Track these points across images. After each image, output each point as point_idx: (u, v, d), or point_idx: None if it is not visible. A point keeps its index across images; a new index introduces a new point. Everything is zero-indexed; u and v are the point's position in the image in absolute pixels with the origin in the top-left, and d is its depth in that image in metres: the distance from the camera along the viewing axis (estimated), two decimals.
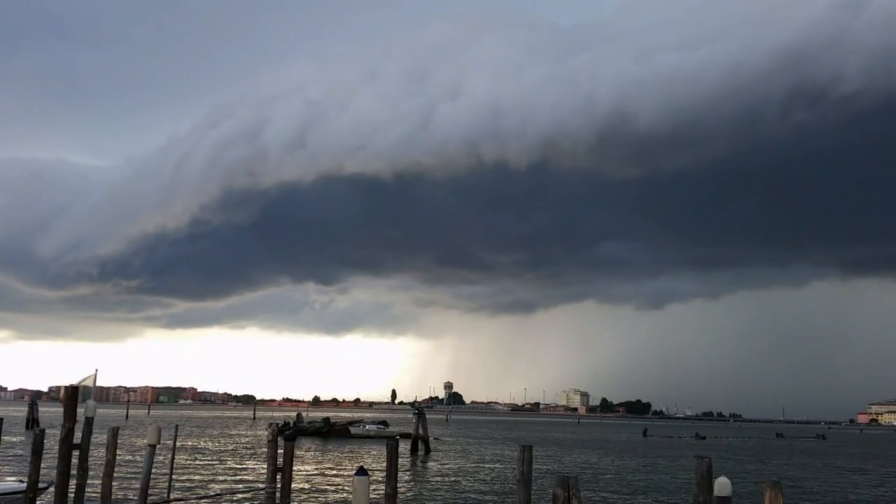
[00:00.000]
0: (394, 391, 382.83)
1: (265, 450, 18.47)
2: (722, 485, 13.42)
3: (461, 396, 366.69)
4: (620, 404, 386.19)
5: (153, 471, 19.35)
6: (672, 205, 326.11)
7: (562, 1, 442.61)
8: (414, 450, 58.40)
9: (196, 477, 36.46)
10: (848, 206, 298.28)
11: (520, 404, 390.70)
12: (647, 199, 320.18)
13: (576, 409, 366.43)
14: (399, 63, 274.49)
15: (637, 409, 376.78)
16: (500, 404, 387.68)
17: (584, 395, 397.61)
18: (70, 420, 17.78)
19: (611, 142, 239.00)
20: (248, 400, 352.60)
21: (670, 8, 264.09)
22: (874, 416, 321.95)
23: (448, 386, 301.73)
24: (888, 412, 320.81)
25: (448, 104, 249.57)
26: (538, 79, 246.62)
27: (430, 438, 64.81)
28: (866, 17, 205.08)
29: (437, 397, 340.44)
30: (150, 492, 19.33)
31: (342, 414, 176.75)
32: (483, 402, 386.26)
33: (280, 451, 17.84)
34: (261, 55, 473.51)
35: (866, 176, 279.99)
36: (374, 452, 57.20)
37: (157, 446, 19.31)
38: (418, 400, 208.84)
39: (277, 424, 20.96)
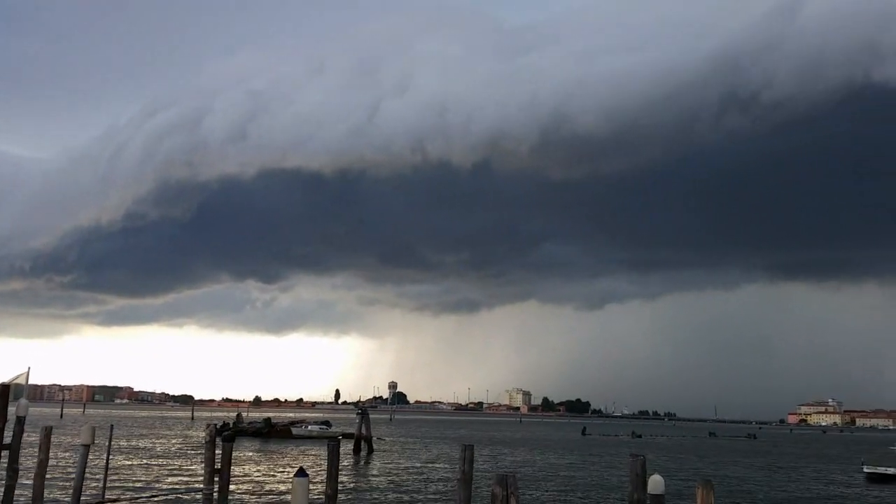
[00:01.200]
0: (337, 391, 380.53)
1: (203, 451, 18.22)
2: (655, 482, 13.86)
3: (405, 396, 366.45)
4: (561, 403, 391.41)
5: (87, 472, 18.91)
6: (610, 207, 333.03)
7: (509, 2, 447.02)
8: (357, 450, 58.17)
9: (132, 478, 35.66)
10: (776, 212, 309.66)
11: (463, 404, 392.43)
12: (587, 201, 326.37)
13: (518, 409, 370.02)
14: (346, 57, 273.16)
15: (577, 408, 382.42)
16: (444, 404, 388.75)
17: (527, 394, 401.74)
18: (0, 419, 17.26)
19: (553, 142, 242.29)
20: (186, 400, 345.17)
21: (614, 11, 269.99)
22: (803, 417, 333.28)
23: (392, 385, 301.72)
24: (816, 413, 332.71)
25: (395, 100, 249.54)
26: (484, 77, 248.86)
27: (374, 438, 64.66)
28: (799, 23, 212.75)
29: (381, 397, 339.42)
30: (83, 493, 18.88)
31: (284, 414, 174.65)
32: (427, 402, 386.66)
33: (218, 452, 17.65)
34: (206, 45, 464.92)
35: (794, 182, 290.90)
36: (316, 453, 56.78)
37: (92, 446, 18.88)
38: (362, 400, 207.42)
39: (216, 425, 20.66)
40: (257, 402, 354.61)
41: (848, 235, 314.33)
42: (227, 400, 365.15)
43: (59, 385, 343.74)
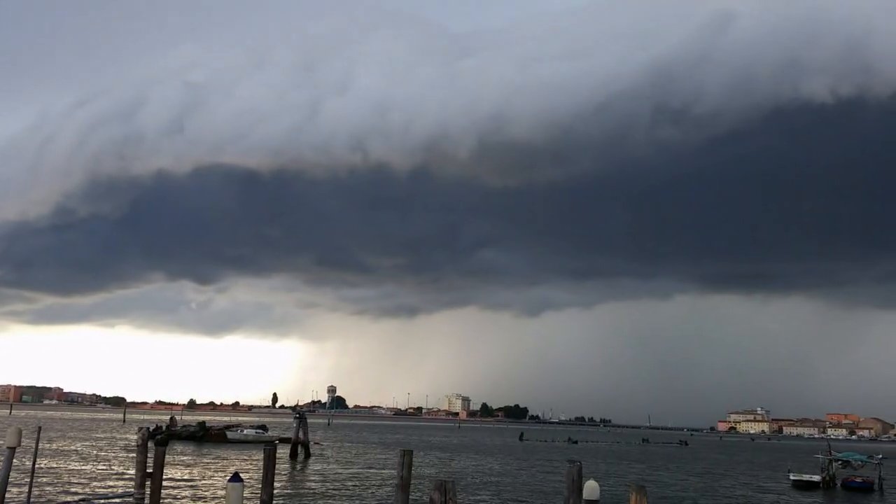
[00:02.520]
0: (275, 395, 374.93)
1: (135, 455, 17.75)
2: (591, 488, 14.16)
3: (344, 401, 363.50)
4: (500, 409, 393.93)
5: (12, 476, 18.24)
6: (547, 216, 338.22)
7: (455, 9, 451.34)
8: (293, 455, 57.46)
9: (60, 482, 34.49)
10: (707, 224, 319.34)
11: (403, 409, 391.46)
12: (525, 209, 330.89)
13: (457, 414, 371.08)
14: (288, 53, 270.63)
15: (515, 413, 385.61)
16: (384, 408, 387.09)
17: (466, 399, 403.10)
18: None
19: (492, 145, 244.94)
20: (118, 402, 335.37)
21: (556, 20, 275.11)
22: (733, 425, 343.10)
23: (331, 390, 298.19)
24: (745, 421, 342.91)
25: (336, 98, 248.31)
26: (426, 79, 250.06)
27: (311, 443, 64.02)
28: (731, 38, 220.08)
29: (319, 401, 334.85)
30: (7, 497, 18.20)
31: (219, 418, 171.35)
32: (366, 407, 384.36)
33: (150, 456, 17.28)
34: (145, 36, 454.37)
35: (724, 196, 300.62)
36: (252, 458, 55.89)
37: (18, 449, 18.23)
38: (300, 404, 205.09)
39: (148, 428, 20.23)
40: (192, 405, 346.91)
41: (774, 249, 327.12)
42: (161, 403, 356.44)
43: None
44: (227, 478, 16.12)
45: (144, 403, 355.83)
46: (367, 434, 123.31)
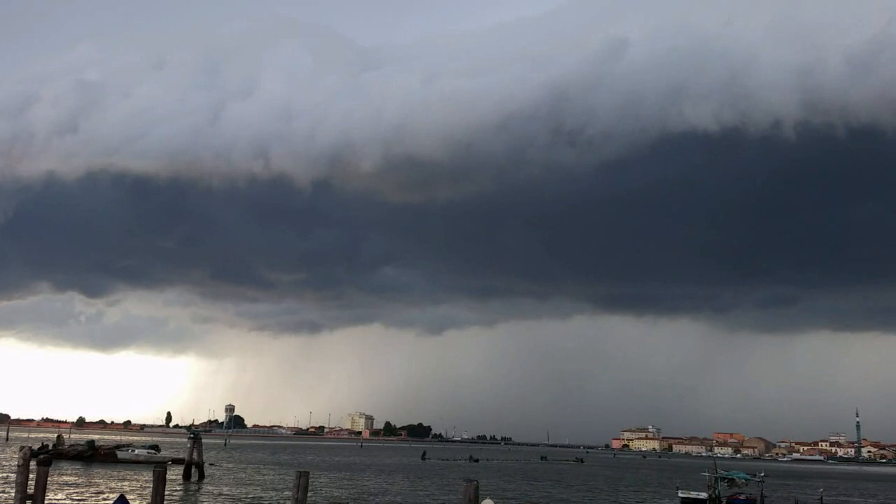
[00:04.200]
0: (169, 414, 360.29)
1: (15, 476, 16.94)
2: None
3: (242, 420, 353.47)
4: (403, 428, 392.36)
5: None
6: (449, 234, 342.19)
7: (364, 23, 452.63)
8: (187, 476, 55.75)
9: None
10: (600, 247, 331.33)
11: (304, 428, 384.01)
12: (427, 226, 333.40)
13: (360, 433, 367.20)
14: (191, 55, 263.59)
15: (419, 432, 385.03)
16: (284, 428, 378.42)
17: (369, 418, 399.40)
18: None
19: (395, 156, 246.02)
20: (1, 419, 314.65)
21: (461, 39, 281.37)
22: (626, 442, 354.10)
23: (229, 409, 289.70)
24: (638, 438, 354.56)
25: (239, 102, 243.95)
26: (331, 88, 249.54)
27: (206, 464, 62.23)
28: (624, 64, 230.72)
29: (216, 420, 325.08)
30: None
31: (110, 437, 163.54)
32: (265, 426, 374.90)
33: (32, 477, 16.69)
34: (39, 32, 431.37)
35: (615, 219, 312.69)
36: (142, 479, 53.87)
37: None
38: (195, 423, 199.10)
39: (31, 447, 19.46)
40: (81, 423, 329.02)
41: (660, 273, 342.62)
42: (48, 420, 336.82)
43: None
44: (113, 500, 15.76)
45: (30, 421, 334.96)
46: (266, 454, 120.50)
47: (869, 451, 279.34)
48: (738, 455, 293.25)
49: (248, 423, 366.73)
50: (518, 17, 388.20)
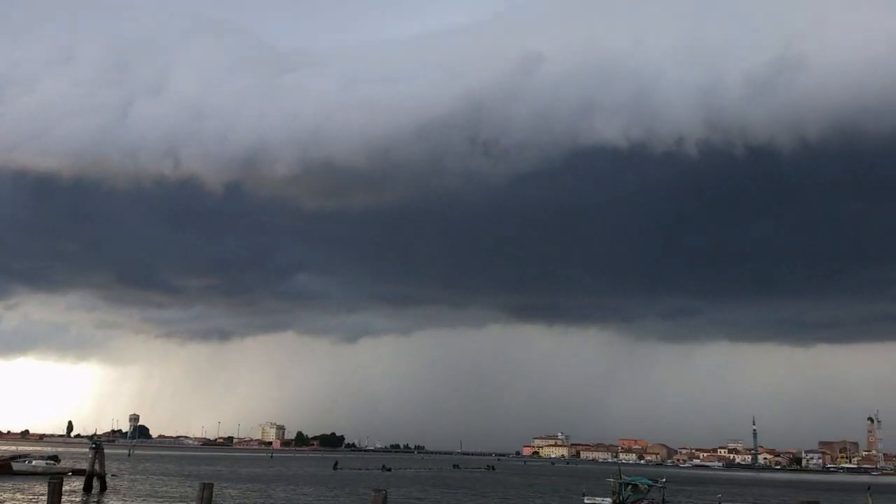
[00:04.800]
0: (70, 423, 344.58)
1: None
2: None
3: (148, 430, 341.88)
4: (315, 437, 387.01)
5: None
6: (365, 241, 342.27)
7: (284, 28, 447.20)
8: (88, 488, 54.10)
9: None
10: (513, 257, 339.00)
11: (212, 438, 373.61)
12: (342, 233, 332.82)
13: (271, 443, 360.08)
14: (101, 50, 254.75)
15: (331, 442, 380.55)
16: (191, 438, 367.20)
17: (281, 428, 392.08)
18: None
19: (309, 163, 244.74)
20: None
21: (381, 47, 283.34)
22: (536, 449, 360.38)
23: (133, 418, 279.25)
24: (547, 445, 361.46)
25: (149, 99, 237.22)
26: (246, 88, 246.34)
27: (108, 475, 60.44)
28: (538, 77, 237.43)
29: (120, 430, 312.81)
30: None
31: (6, 447, 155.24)
32: (172, 437, 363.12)
33: None
34: None
35: (525, 230, 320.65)
36: (38, 492, 51.91)
37: None
38: (98, 433, 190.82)
39: None
40: None
41: (572, 283, 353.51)
42: None
43: None
44: None
45: None
46: (171, 465, 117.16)
47: (765, 458, 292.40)
48: (642, 461, 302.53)
49: (154, 433, 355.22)
50: (438, 28, 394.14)
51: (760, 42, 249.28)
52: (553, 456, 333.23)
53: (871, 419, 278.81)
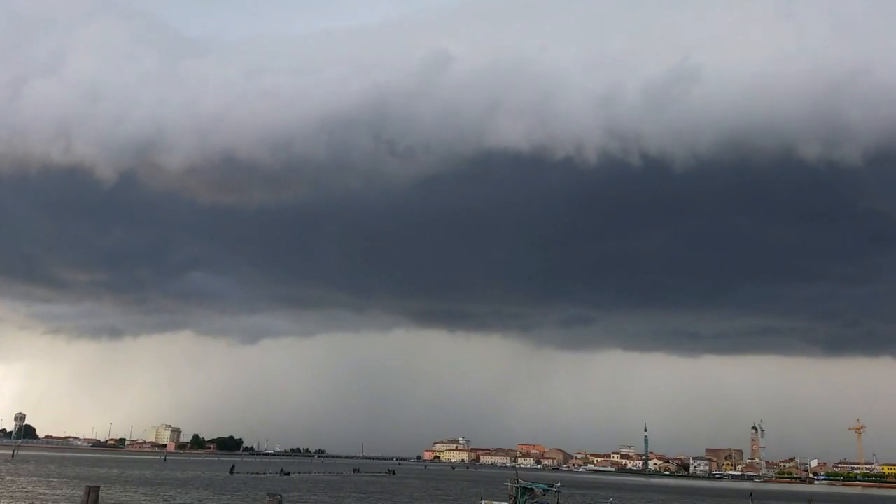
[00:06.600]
0: None
1: None
2: None
3: (34, 430, 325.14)
4: (212, 441, 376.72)
5: None
6: (264, 240, 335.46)
7: (193, 15, 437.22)
8: None
9: None
10: (413, 262, 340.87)
11: (103, 440, 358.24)
12: (240, 231, 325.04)
13: (165, 446, 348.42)
14: None
15: (229, 445, 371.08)
16: (80, 439, 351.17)
17: (176, 430, 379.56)
18: None
19: (207, 152, 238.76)
20: None
21: (289, 41, 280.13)
22: (437, 454, 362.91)
23: (19, 417, 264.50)
24: (448, 450, 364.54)
25: (42, 79, 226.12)
26: (145, 71, 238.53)
27: None
28: (447, 76, 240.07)
29: (3, 430, 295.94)
30: None
31: None
32: (60, 437, 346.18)
33: None
34: None
35: (427, 236, 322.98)
36: None
37: None
38: None
39: None
40: None
41: (471, 290, 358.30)
42: None
43: None
44: None
45: None
46: (58, 467, 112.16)
47: (655, 464, 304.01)
48: (539, 466, 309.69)
49: (41, 433, 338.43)
50: (348, 25, 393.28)
51: (658, 53, 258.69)
52: (453, 460, 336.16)
53: (755, 428, 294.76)
